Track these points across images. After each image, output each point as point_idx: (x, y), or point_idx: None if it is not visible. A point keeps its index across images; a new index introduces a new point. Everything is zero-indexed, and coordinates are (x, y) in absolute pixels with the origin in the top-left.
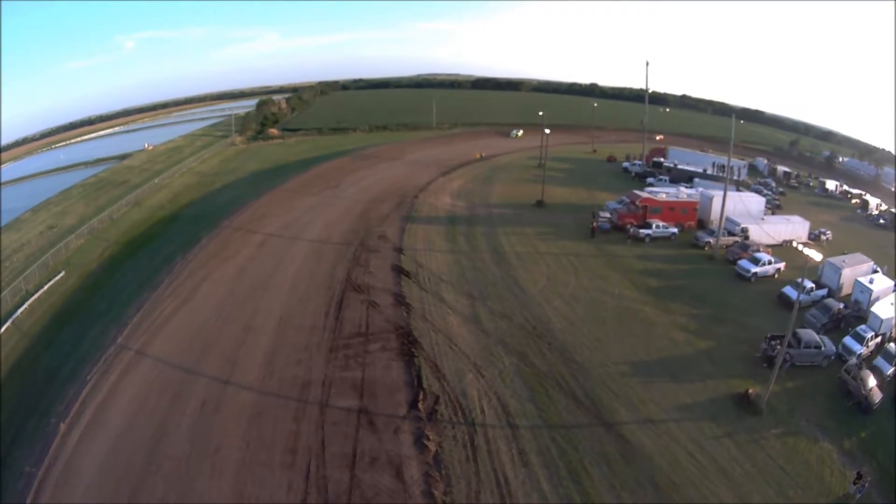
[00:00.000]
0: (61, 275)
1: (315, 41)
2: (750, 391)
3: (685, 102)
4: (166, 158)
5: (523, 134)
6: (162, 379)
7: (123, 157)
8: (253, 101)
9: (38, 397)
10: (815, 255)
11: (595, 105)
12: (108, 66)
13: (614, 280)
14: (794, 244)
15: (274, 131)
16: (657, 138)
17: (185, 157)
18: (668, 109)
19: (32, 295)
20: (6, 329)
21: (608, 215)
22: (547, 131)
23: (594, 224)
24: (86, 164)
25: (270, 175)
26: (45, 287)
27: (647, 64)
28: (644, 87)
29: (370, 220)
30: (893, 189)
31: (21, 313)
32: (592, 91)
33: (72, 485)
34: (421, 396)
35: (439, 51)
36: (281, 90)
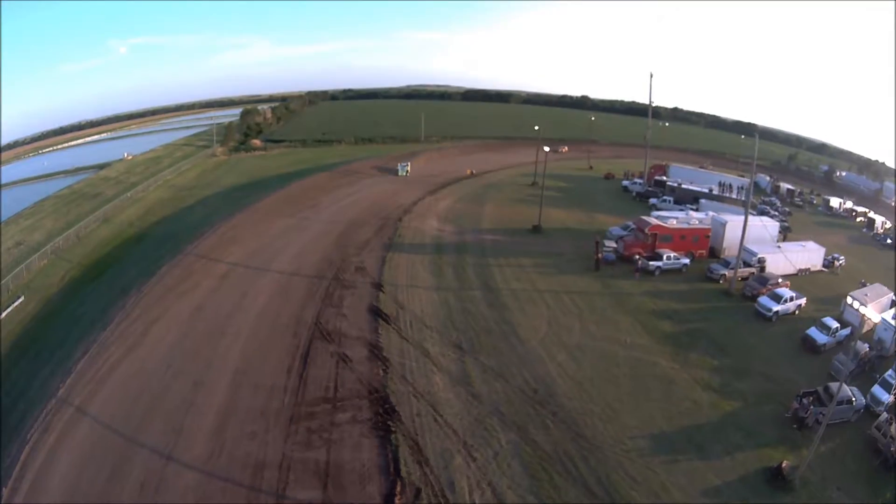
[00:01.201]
0: (20, 300)
1: (306, 50)
2: (784, 464)
3: (677, 115)
4: (144, 169)
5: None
6: (101, 446)
7: (102, 166)
8: (239, 111)
9: None
10: (874, 316)
11: (593, 118)
12: (101, 69)
13: (624, 325)
14: (851, 302)
15: (257, 142)
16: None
17: (162, 169)
18: (667, 123)
19: None
20: None
21: (613, 245)
22: (546, 149)
23: (598, 255)
24: (65, 172)
25: (246, 191)
26: (3, 314)
27: (651, 76)
28: (646, 100)
29: (348, 248)
30: (894, 204)
31: None
32: (584, 103)
33: None
34: (398, 488)
35: (429, 62)
36: (270, 99)
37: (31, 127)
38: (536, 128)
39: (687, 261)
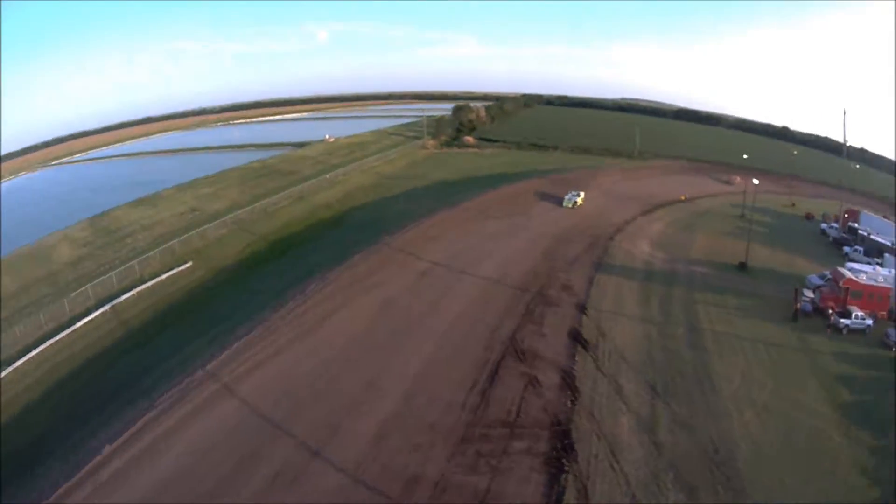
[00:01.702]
0: (188, 265)
1: (514, 52)
2: None
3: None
4: (347, 153)
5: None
6: (240, 429)
7: (301, 145)
8: (450, 105)
9: (103, 402)
10: None
11: (795, 153)
12: (298, 53)
13: (811, 388)
14: None
15: (470, 139)
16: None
17: (368, 155)
18: (857, 165)
19: (146, 282)
20: (101, 313)
21: (811, 294)
22: (755, 181)
23: (797, 305)
24: (257, 146)
25: (456, 188)
26: (164, 276)
27: (845, 113)
28: (842, 139)
29: (556, 262)
30: None
31: (126, 299)
32: (784, 135)
33: None
34: None
35: (644, 76)
36: (484, 97)
37: (222, 98)
38: (745, 156)
39: (871, 322)
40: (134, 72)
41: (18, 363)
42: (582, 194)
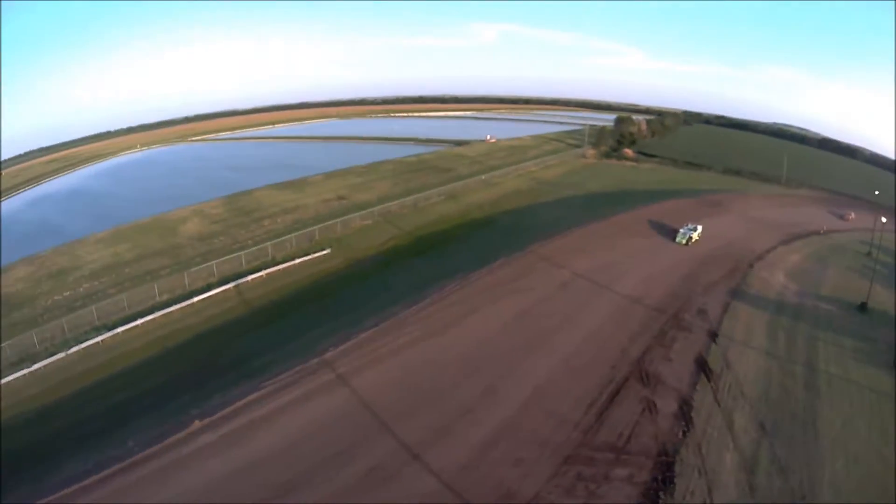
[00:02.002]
0: (325, 252)
1: (681, 68)
2: None
3: None
4: (506, 155)
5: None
6: (345, 421)
7: (460, 143)
8: (612, 116)
9: (206, 377)
10: None
11: None
12: (465, 50)
13: None
14: None
15: (629, 152)
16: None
17: (526, 159)
18: None
19: (279, 264)
20: (222, 291)
21: None
22: (884, 220)
23: None
24: (416, 140)
25: (609, 200)
26: (297, 261)
27: None
28: None
29: (695, 285)
30: None
31: (252, 280)
32: None
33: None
34: None
35: (795, 102)
36: (647, 111)
37: (379, 90)
38: (877, 192)
39: None
40: (294, 59)
41: (119, 330)
42: (699, 229)
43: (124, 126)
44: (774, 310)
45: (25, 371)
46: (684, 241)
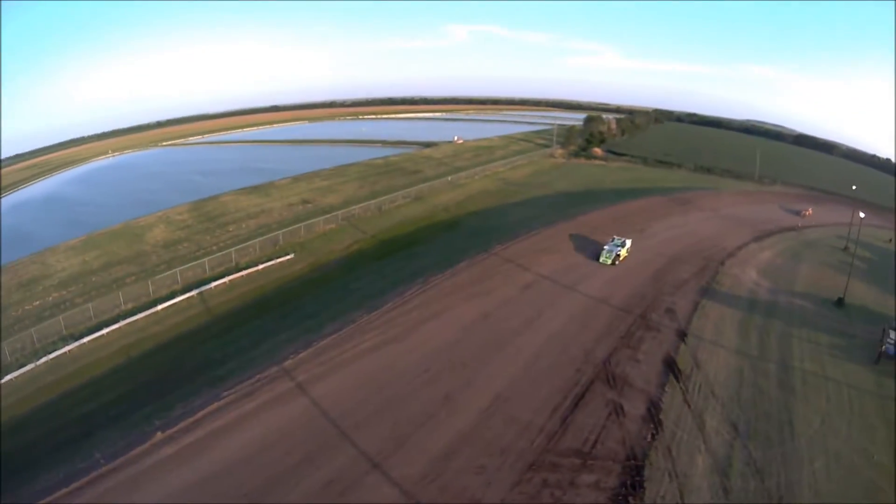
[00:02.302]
0: (289, 257)
1: (653, 66)
2: None
3: None
4: (474, 156)
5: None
6: (303, 431)
7: (428, 144)
8: (582, 115)
9: (168, 388)
10: None
11: None
12: (433, 50)
13: (880, 437)
14: None
15: (598, 151)
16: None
17: (494, 159)
18: None
19: (242, 270)
20: (186, 298)
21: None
22: (862, 215)
23: (881, 348)
24: (384, 142)
25: (577, 200)
26: (260, 266)
27: None
28: None
29: (663, 284)
30: None
31: (216, 286)
32: (887, 167)
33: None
34: None
35: (768, 99)
36: (617, 110)
37: (349, 92)
38: (854, 188)
39: None
40: (264, 61)
41: (85, 340)
42: (628, 243)
43: (97, 132)
44: (746, 307)
45: None
46: (609, 261)
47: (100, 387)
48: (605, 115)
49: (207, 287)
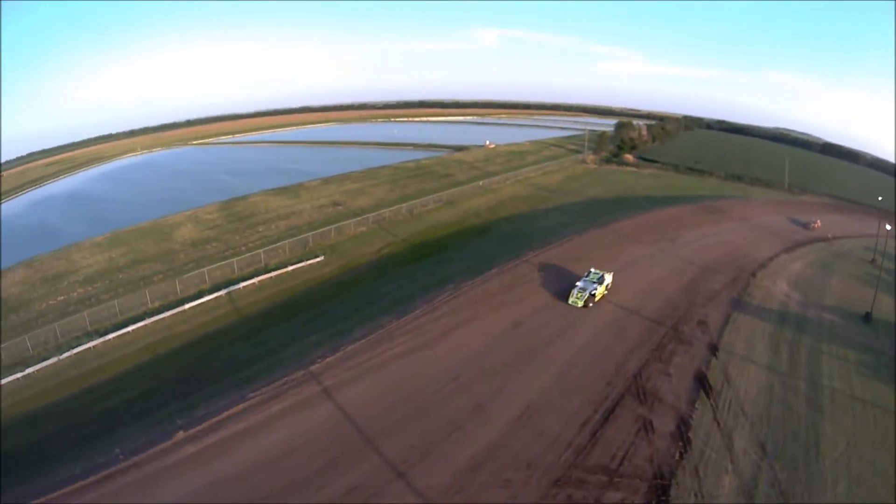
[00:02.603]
0: (319, 259)
1: (682, 72)
2: None
3: None
4: (505, 161)
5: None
6: (328, 437)
7: (459, 148)
8: (613, 121)
9: (194, 386)
10: None
11: None
12: (463, 53)
13: None
14: None
15: (630, 157)
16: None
17: (525, 165)
18: None
19: (272, 271)
20: (214, 298)
21: None
22: (888, 227)
23: None
24: (415, 145)
25: (609, 207)
26: (290, 268)
27: None
28: None
29: (696, 295)
30: None
31: (244, 287)
32: None
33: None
34: None
35: (795, 107)
36: (649, 116)
37: (381, 94)
38: (881, 198)
39: None
40: (296, 61)
41: (110, 336)
42: (608, 279)
43: (126, 129)
44: (777, 321)
45: (19, 375)
46: (581, 303)
47: (123, 383)
48: (635, 122)
49: (236, 287)
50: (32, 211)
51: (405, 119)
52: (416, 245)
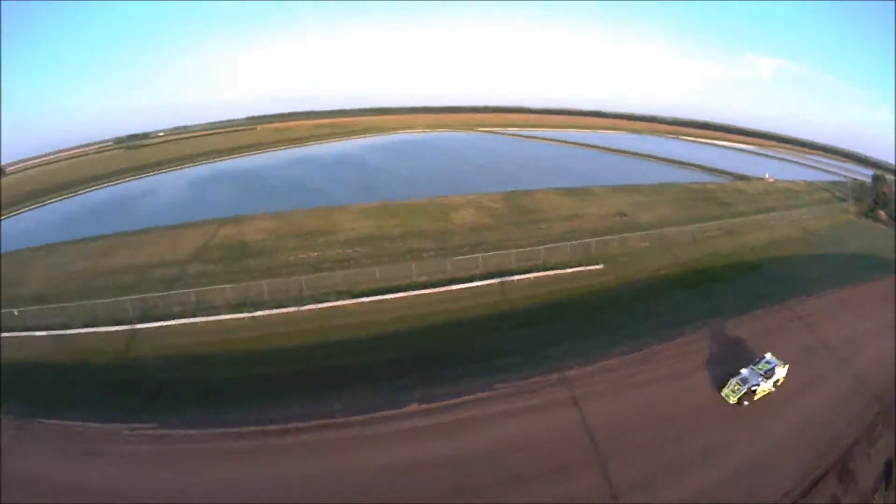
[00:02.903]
0: (598, 267)
1: None
2: None
3: None
4: (783, 198)
5: None
6: (562, 444)
7: (741, 177)
8: (869, 171)
9: (442, 364)
10: None
11: None
12: (737, 81)
13: None
14: None
15: (882, 214)
16: None
17: (799, 205)
18: None
19: (548, 269)
20: (486, 284)
21: None
22: None
23: None
24: (699, 167)
25: (868, 264)
26: (569, 270)
27: None
28: None
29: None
30: None
31: (519, 279)
32: None
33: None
34: None
35: None
36: None
37: (670, 110)
38: None
39: None
40: (592, 69)
41: (365, 300)
42: (778, 374)
43: (406, 105)
44: None
45: (245, 315)
46: (735, 398)
47: (364, 346)
48: (888, 176)
49: (509, 278)
50: (291, 167)
51: (690, 139)
52: (694, 271)
